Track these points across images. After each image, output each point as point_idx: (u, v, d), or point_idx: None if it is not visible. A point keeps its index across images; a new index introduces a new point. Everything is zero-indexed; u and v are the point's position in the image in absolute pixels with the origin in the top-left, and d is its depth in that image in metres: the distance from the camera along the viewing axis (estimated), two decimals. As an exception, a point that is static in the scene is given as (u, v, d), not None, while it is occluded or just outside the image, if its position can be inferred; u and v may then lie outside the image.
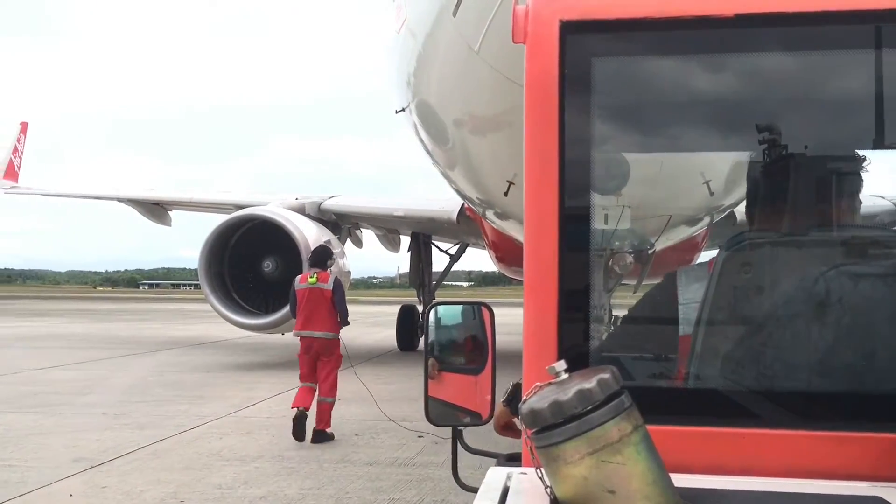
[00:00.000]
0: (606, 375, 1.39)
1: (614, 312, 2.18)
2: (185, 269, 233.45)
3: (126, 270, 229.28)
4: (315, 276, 9.04)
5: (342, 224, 19.01)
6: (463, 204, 16.46)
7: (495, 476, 1.67)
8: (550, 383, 1.42)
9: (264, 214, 16.87)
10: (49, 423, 9.47)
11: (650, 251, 5.12)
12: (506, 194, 6.00)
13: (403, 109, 6.95)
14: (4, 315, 37.93)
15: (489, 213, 9.15)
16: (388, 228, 21.88)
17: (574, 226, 1.71)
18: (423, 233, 20.70)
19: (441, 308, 2.50)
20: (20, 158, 27.25)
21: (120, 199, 24.48)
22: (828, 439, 1.64)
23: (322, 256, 9.49)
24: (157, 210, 24.07)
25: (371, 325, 28.34)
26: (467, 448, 2.21)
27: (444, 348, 2.51)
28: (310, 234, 16.46)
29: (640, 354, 2.05)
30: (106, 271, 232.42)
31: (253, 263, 16.92)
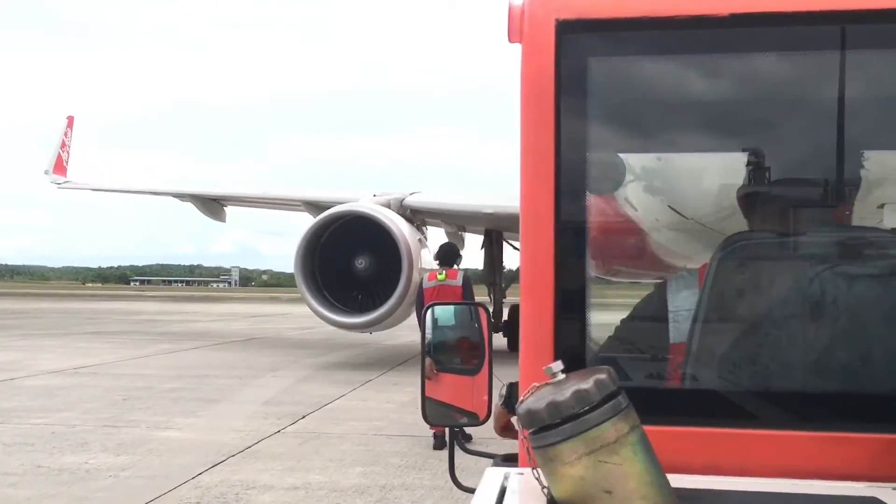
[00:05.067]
0: (603, 376, 1.40)
1: (611, 313, 2.13)
2: (179, 265, 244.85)
3: (119, 266, 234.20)
4: (444, 273, 9.11)
5: (414, 220, 18.42)
6: None
7: (492, 476, 1.68)
8: (547, 384, 1.43)
9: (362, 211, 16.51)
10: None
11: None
12: None
13: None
14: None
15: None
16: (459, 226, 21.61)
17: (570, 226, 1.71)
18: (496, 230, 20.53)
19: (438, 308, 2.49)
20: (68, 153, 27.39)
21: (177, 195, 24.52)
22: (824, 440, 1.64)
23: (451, 254, 9.46)
24: (213, 206, 23.94)
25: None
26: (464, 448, 2.24)
27: (442, 349, 2.51)
28: (406, 231, 16.31)
29: (637, 355, 2.04)
30: (99, 267, 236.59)
31: (344, 261, 16.55)
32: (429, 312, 2.38)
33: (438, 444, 8.59)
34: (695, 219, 2.27)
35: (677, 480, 1.46)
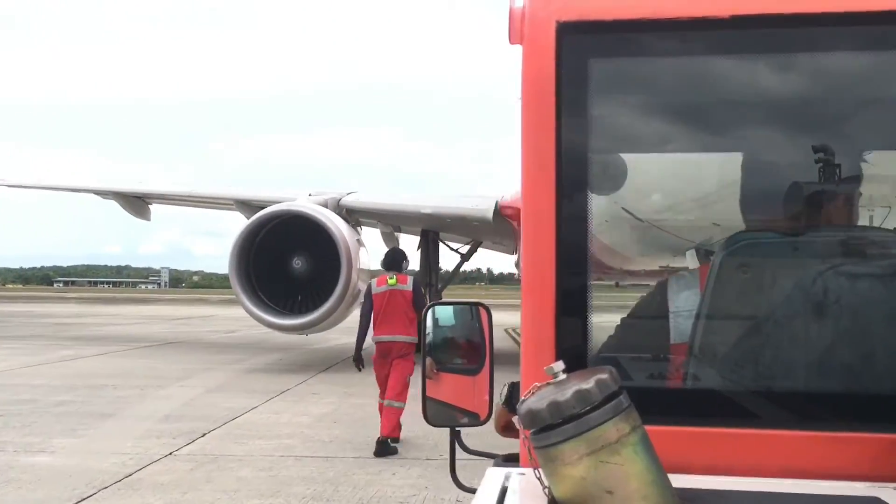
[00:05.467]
0: (605, 376, 1.41)
1: (613, 313, 2.14)
2: (106, 266, 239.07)
3: (42, 267, 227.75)
4: (394, 277, 8.92)
5: (350, 220, 18.19)
6: (497, 202, 16.97)
7: (493, 476, 1.69)
8: (549, 384, 1.44)
9: (300, 210, 16.23)
10: None
11: None
12: None
13: None
14: None
15: None
16: (394, 226, 21.63)
17: (571, 227, 1.73)
18: (432, 231, 20.63)
19: (439, 308, 2.49)
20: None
21: (100, 192, 23.82)
22: (826, 439, 1.67)
23: (398, 258, 9.31)
24: (138, 203, 23.24)
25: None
26: (465, 448, 2.21)
27: (442, 348, 2.52)
28: (345, 231, 16.12)
29: (639, 355, 2.05)
30: (20, 268, 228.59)
31: (281, 261, 16.26)
32: (430, 312, 2.41)
33: (381, 450, 8.28)
34: (696, 219, 2.30)
35: (679, 480, 1.48)
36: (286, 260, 16.35)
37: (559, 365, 1.44)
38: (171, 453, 8.23)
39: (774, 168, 1.99)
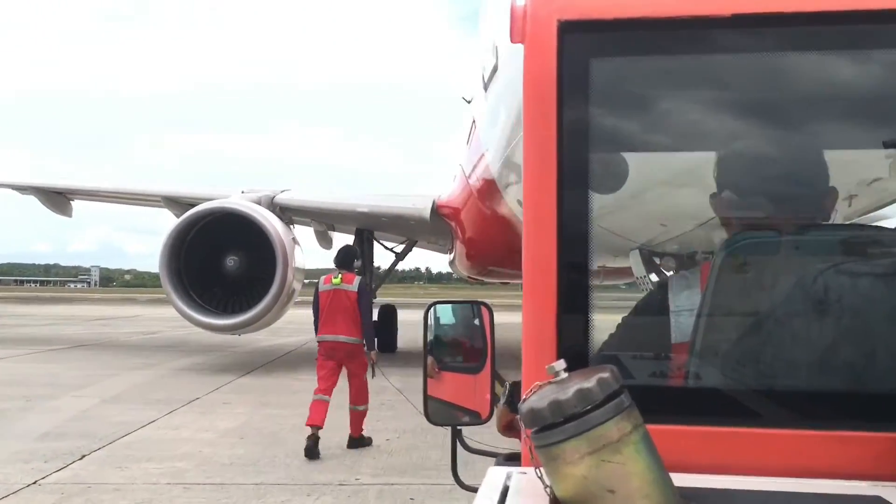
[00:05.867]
0: (606, 375, 1.42)
1: (614, 312, 2.15)
2: (34, 264, 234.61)
3: None
4: (339, 276, 8.87)
5: (283, 219, 17.92)
6: (434, 201, 17.44)
7: (495, 475, 1.70)
8: (550, 382, 1.45)
9: (234, 208, 16.13)
10: None
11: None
12: None
13: None
14: None
15: None
16: (329, 224, 21.63)
17: (573, 225, 1.73)
18: (367, 230, 20.54)
19: (440, 307, 2.47)
20: None
21: (17, 187, 22.78)
22: (828, 438, 1.68)
23: (349, 256, 9.26)
24: (58, 199, 22.44)
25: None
26: (467, 447, 2.25)
27: (444, 347, 2.50)
28: (280, 229, 16.02)
29: (640, 354, 2.07)
30: None
31: (214, 260, 16.04)
32: (431, 311, 2.39)
33: (311, 445, 7.99)
34: (697, 217, 2.31)
35: (680, 479, 1.49)
36: (219, 258, 16.26)
37: (560, 364, 1.46)
38: (35, 482, 7.01)
39: (776, 167, 2.02)
